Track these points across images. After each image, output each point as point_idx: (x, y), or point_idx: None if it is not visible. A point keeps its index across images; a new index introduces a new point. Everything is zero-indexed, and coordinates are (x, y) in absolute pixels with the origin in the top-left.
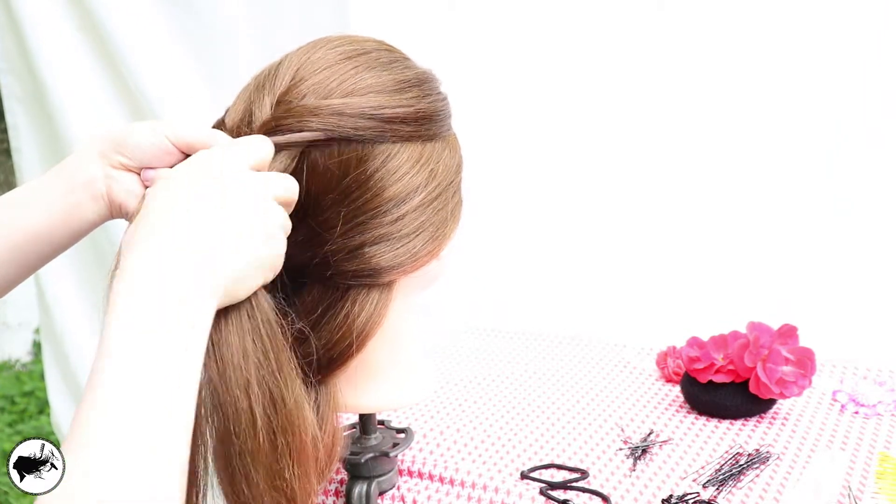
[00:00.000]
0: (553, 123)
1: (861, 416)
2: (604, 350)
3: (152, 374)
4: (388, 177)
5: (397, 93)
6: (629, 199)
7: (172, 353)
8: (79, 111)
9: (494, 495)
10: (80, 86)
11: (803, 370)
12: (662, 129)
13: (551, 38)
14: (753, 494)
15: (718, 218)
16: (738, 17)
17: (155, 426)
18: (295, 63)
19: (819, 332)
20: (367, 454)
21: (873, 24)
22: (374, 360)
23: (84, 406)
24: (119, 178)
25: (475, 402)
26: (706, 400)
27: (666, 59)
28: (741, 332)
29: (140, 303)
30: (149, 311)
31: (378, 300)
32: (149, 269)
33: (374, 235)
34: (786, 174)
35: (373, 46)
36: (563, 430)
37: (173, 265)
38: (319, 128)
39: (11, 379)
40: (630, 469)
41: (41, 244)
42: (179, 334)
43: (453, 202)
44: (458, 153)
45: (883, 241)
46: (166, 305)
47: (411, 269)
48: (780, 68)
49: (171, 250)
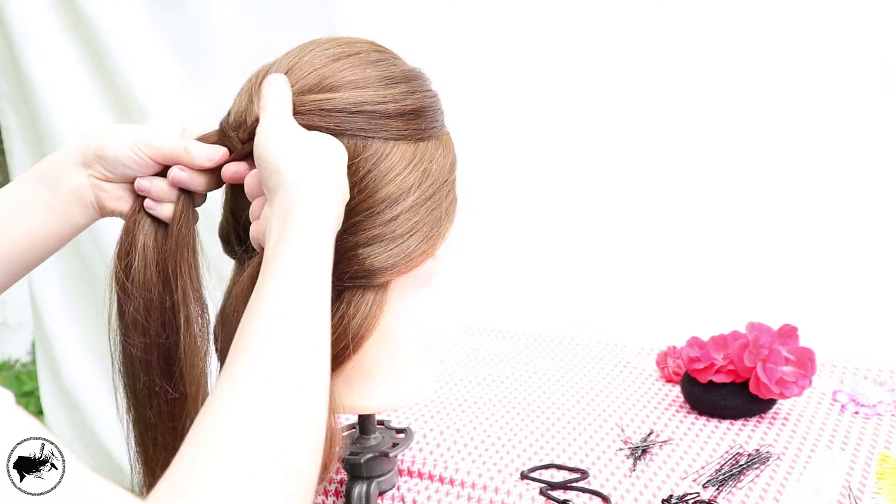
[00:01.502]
0: (553, 123)
1: (861, 416)
2: (604, 350)
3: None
4: (381, 177)
5: (382, 88)
6: (629, 199)
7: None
8: (66, 111)
9: (494, 495)
10: (67, 85)
11: (803, 370)
12: (662, 128)
13: (550, 36)
14: (753, 494)
15: (718, 218)
16: (738, 15)
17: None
18: (285, 65)
19: (819, 332)
20: (366, 454)
21: (875, 19)
22: (371, 361)
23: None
24: (106, 188)
25: (475, 402)
26: (706, 400)
27: (666, 57)
28: (741, 332)
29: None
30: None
31: (373, 301)
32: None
33: (368, 236)
34: (786, 174)
35: (363, 47)
36: (563, 430)
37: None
38: (303, 124)
39: (11, 379)
40: (630, 469)
41: (34, 251)
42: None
43: (447, 201)
44: (451, 152)
45: (883, 241)
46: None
47: (406, 270)
48: (780, 66)
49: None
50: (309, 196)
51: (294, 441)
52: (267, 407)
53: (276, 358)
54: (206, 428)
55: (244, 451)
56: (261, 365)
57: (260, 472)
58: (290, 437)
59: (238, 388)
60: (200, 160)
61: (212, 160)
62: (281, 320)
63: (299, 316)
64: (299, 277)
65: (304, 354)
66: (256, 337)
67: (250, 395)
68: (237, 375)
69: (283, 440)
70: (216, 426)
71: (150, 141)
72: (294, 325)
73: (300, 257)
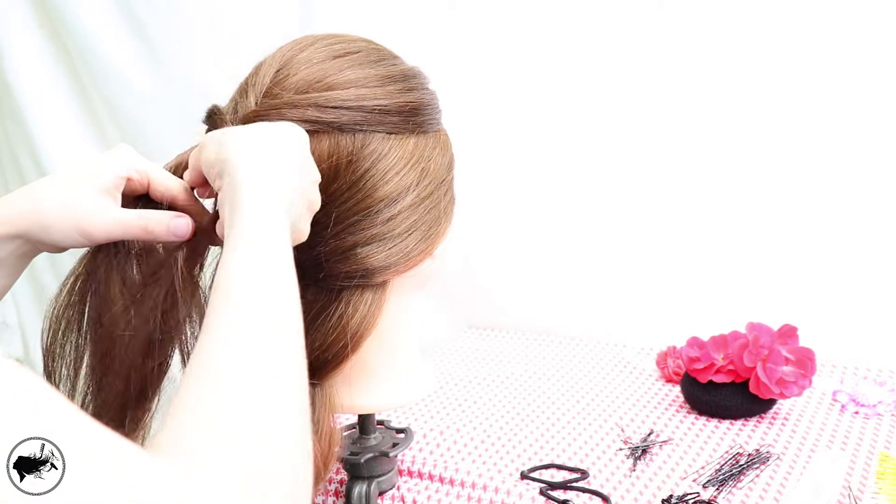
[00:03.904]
0: (553, 122)
1: (861, 416)
2: (604, 350)
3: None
4: (380, 177)
5: (381, 86)
6: (629, 199)
7: (276, 255)
8: (44, 119)
9: (494, 495)
10: (43, 92)
11: (803, 370)
12: (662, 128)
13: (550, 37)
14: (753, 494)
15: (718, 218)
16: (739, 16)
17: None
18: (279, 61)
19: (819, 332)
20: (366, 454)
21: (876, 21)
22: (370, 360)
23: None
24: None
25: (475, 402)
26: (706, 400)
27: (665, 59)
28: (741, 332)
29: (250, 232)
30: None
31: (372, 300)
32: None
33: (367, 236)
34: (785, 174)
35: (361, 46)
36: (563, 430)
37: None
38: (297, 118)
39: None
40: (630, 469)
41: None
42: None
43: (446, 200)
44: (449, 151)
45: (883, 241)
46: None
47: (404, 269)
48: (780, 67)
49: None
50: (251, 181)
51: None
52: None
53: (235, 358)
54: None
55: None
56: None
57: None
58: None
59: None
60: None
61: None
62: (243, 312)
63: (258, 305)
64: (252, 273)
65: (266, 351)
66: (217, 340)
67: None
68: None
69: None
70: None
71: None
72: (253, 316)
73: (249, 252)
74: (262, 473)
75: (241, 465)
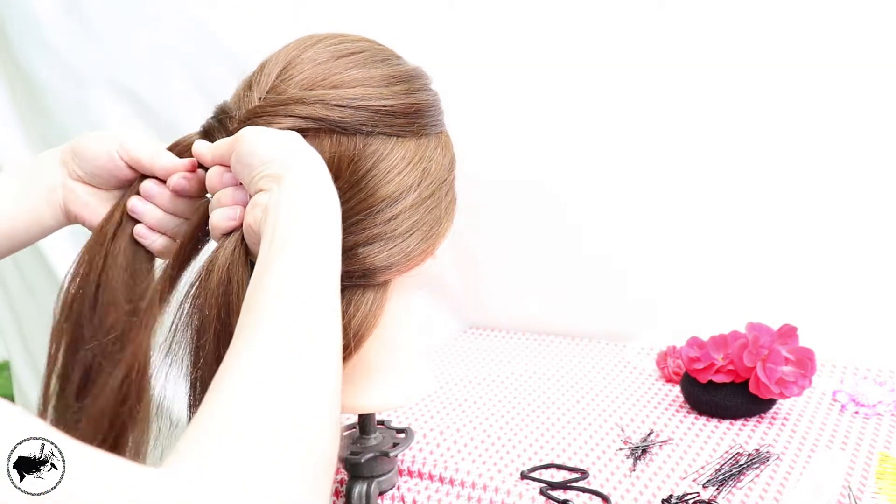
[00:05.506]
0: (553, 122)
1: (861, 416)
2: (604, 350)
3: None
4: (381, 176)
5: (386, 87)
6: (629, 199)
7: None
8: None
9: (494, 495)
10: None
11: (803, 370)
12: (662, 129)
13: (550, 37)
14: (753, 494)
15: (718, 218)
16: (739, 17)
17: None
18: (283, 60)
19: (819, 332)
20: (366, 454)
21: (876, 21)
22: (371, 360)
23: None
24: (76, 189)
25: (475, 402)
26: (706, 400)
27: (664, 59)
28: (741, 332)
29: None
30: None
31: (373, 300)
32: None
33: (368, 235)
34: (785, 174)
35: (364, 45)
36: (563, 430)
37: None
38: (304, 115)
39: (11, 379)
40: (630, 469)
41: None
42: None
43: (447, 200)
44: (450, 151)
45: (883, 241)
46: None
47: (406, 269)
48: (781, 68)
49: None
50: (310, 183)
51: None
52: (275, 397)
53: (286, 348)
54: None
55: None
56: (270, 356)
57: (271, 459)
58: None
59: (247, 375)
60: (163, 167)
61: (175, 169)
62: (289, 311)
63: (308, 305)
64: (308, 268)
65: (314, 344)
66: (263, 329)
67: (259, 383)
68: (246, 361)
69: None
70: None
71: (124, 142)
72: (302, 314)
73: (306, 247)
74: (263, 475)
75: (241, 466)
